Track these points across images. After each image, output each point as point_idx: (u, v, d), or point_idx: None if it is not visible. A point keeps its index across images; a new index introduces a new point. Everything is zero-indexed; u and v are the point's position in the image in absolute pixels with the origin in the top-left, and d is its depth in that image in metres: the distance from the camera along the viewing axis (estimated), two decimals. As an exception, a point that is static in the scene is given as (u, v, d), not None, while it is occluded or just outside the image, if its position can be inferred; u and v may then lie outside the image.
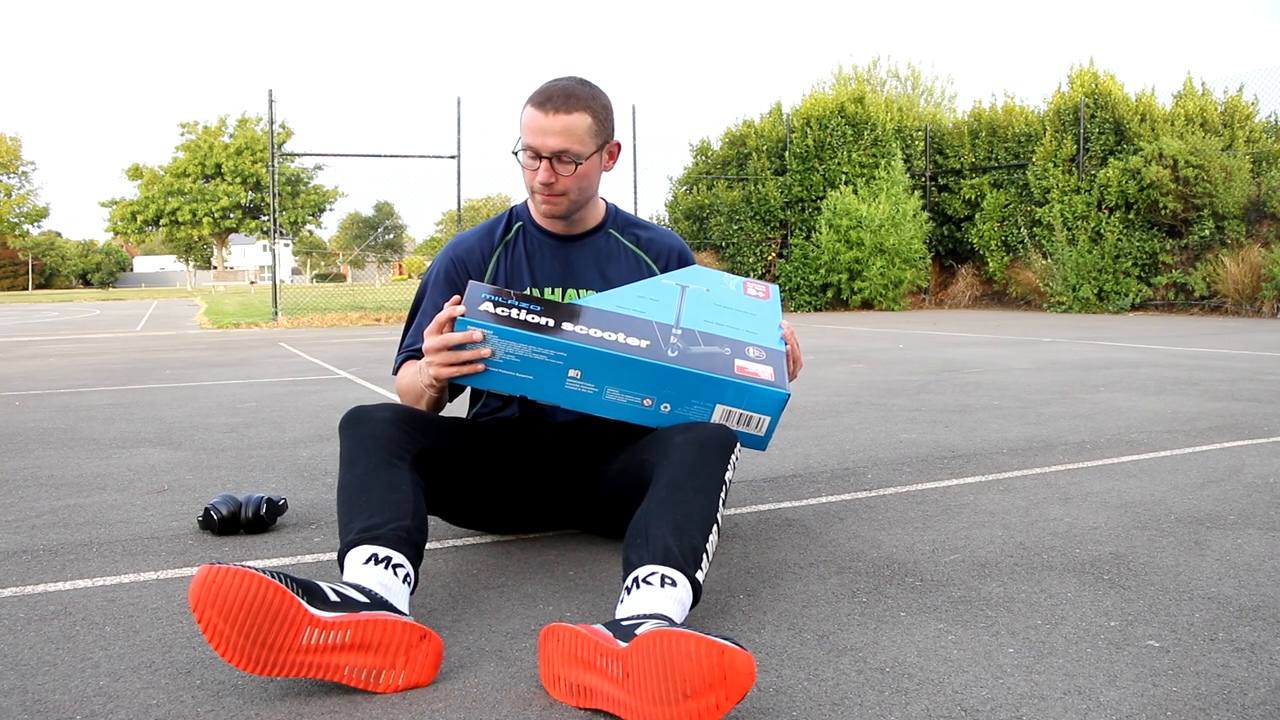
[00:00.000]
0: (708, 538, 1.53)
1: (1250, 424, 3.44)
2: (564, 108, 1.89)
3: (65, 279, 67.46)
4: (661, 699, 1.18)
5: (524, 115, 1.93)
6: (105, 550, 2.04)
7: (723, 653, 1.16)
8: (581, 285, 2.02)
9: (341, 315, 12.62)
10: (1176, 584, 1.73)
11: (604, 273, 2.03)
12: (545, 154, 1.89)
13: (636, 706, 1.20)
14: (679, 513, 1.53)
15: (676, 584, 1.43)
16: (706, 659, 1.16)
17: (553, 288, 2.02)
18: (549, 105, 1.90)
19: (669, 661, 1.18)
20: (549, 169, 1.91)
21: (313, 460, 3.05)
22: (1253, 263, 11.25)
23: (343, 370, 6.13)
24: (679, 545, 1.48)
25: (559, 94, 1.90)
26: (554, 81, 1.94)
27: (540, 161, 1.91)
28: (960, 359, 6.16)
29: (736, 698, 1.16)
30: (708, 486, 1.59)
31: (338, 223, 59.99)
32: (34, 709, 1.28)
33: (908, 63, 33.10)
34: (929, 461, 2.87)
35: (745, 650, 1.17)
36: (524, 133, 1.92)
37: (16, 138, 51.94)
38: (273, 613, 1.26)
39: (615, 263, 2.05)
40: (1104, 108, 12.98)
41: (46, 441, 3.47)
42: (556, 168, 1.91)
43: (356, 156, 13.55)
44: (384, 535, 1.51)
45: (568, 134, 1.88)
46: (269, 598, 1.26)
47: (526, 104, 1.94)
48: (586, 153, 1.92)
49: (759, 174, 14.73)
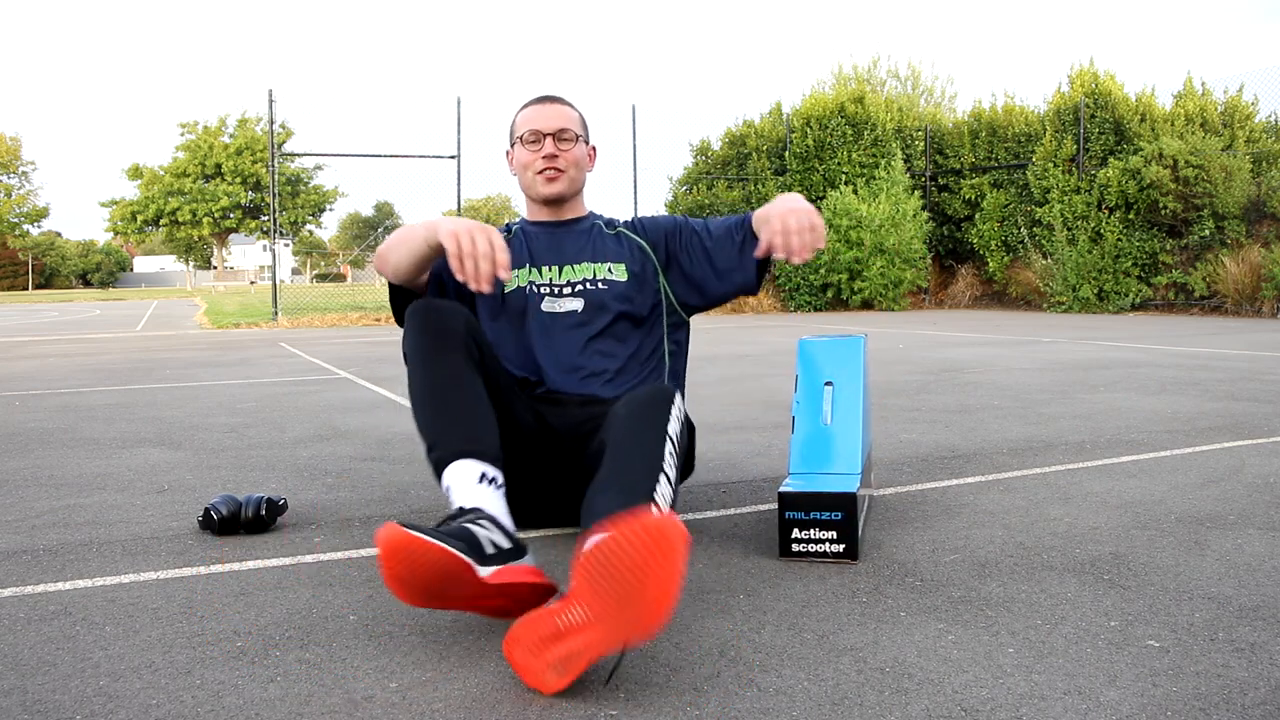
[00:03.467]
0: (653, 492, 1.57)
1: (1250, 424, 3.44)
2: (557, 101, 2.19)
3: (65, 279, 67.45)
4: (625, 601, 1.23)
5: (519, 118, 2.18)
6: (105, 550, 2.04)
7: (646, 526, 1.23)
8: (575, 261, 2.17)
9: (341, 315, 12.62)
10: (1176, 584, 1.73)
11: (594, 249, 2.18)
12: (548, 131, 2.12)
13: (611, 627, 1.24)
14: (622, 480, 1.60)
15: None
16: (639, 538, 1.23)
17: (549, 265, 2.17)
18: (544, 101, 2.18)
19: (610, 564, 1.24)
20: (553, 143, 2.12)
21: (313, 460, 3.05)
22: (1253, 263, 11.24)
23: (343, 370, 6.13)
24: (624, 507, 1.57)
25: (549, 96, 2.20)
26: (537, 94, 2.23)
27: (544, 140, 2.12)
28: (960, 359, 6.16)
29: (683, 553, 1.24)
30: (649, 441, 1.65)
31: (338, 223, 60.08)
32: (34, 709, 1.28)
33: (908, 63, 33.09)
34: (929, 461, 2.87)
35: (665, 513, 1.32)
36: (523, 125, 2.15)
37: (16, 138, 51.98)
38: (451, 575, 1.37)
39: (602, 241, 2.20)
40: (1104, 108, 12.97)
41: (46, 441, 3.47)
42: (558, 144, 2.13)
43: (356, 156, 13.56)
44: (487, 451, 1.62)
45: (565, 117, 2.15)
46: (449, 565, 1.37)
47: (518, 114, 2.19)
48: (580, 135, 2.17)
49: (759, 174, 14.73)
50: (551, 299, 2.14)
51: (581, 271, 2.16)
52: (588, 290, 2.14)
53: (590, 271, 2.16)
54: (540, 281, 2.15)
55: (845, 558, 1.86)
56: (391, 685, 1.35)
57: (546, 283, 2.15)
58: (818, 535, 1.85)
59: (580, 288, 2.14)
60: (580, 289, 2.14)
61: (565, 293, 2.14)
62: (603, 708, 1.27)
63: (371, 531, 2.17)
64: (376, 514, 2.33)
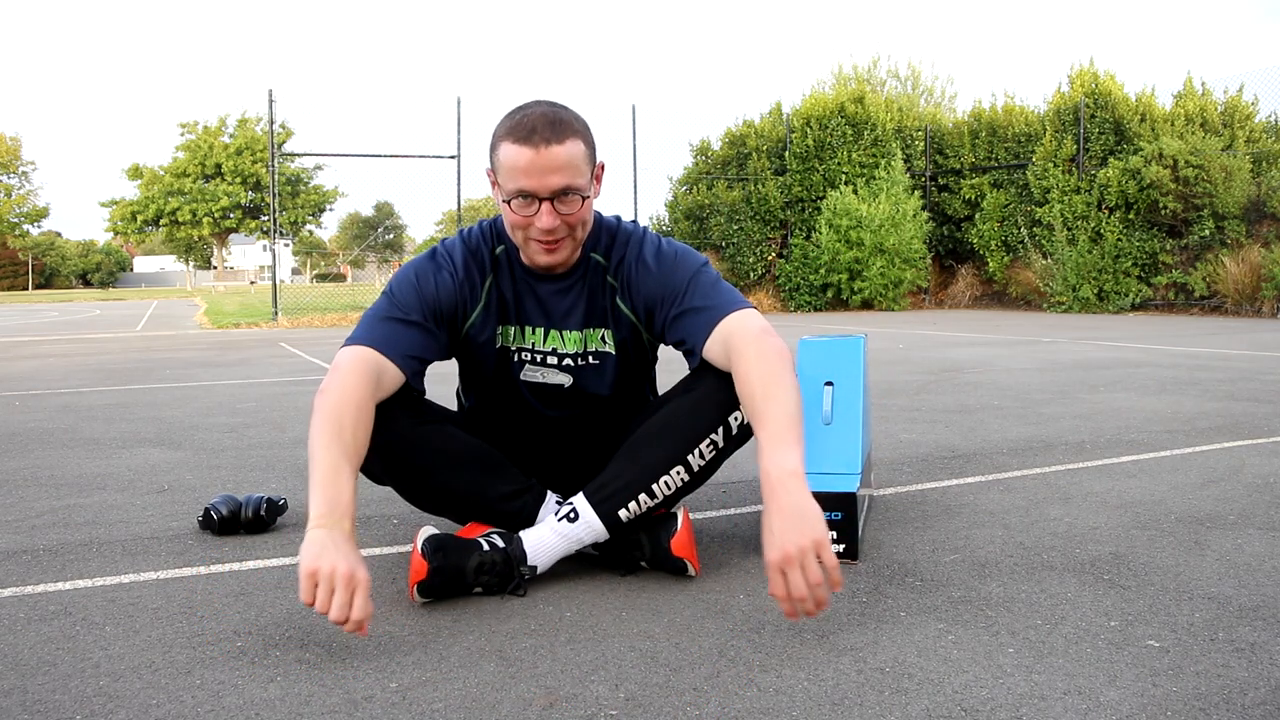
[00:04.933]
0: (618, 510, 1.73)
1: (1250, 424, 3.44)
2: (555, 138, 1.63)
3: (65, 279, 67.45)
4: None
5: (503, 156, 1.66)
6: (105, 550, 2.04)
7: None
8: (564, 326, 1.88)
9: (341, 315, 12.62)
10: (1176, 584, 1.73)
11: (587, 309, 1.87)
12: (545, 195, 1.65)
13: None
14: (610, 485, 1.74)
15: (577, 518, 1.73)
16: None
17: (534, 327, 1.88)
18: (537, 138, 1.63)
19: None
20: (552, 212, 1.67)
21: (313, 460, 3.05)
22: (1253, 263, 11.24)
23: (343, 370, 6.12)
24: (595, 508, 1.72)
25: (543, 124, 1.64)
26: (526, 111, 1.67)
27: (539, 205, 1.66)
28: (960, 359, 6.16)
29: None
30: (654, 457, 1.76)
31: (338, 223, 60.02)
32: (34, 709, 1.28)
33: (908, 63, 33.07)
34: (929, 461, 2.87)
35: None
36: (510, 176, 1.66)
37: (16, 138, 51.94)
38: None
39: (598, 295, 1.86)
40: (1104, 108, 12.97)
41: (46, 441, 3.47)
42: (559, 209, 1.67)
43: (356, 156, 13.54)
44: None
45: (569, 168, 1.65)
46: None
47: (501, 142, 1.66)
48: (587, 185, 1.70)
49: (759, 174, 14.72)
50: (533, 368, 1.91)
51: (571, 342, 1.88)
52: (576, 366, 1.91)
53: (579, 343, 1.89)
54: (524, 346, 1.90)
55: (845, 558, 1.86)
56: (391, 685, 1.35)
57: (529, 347, 1.89)
58: None
59: (568, 363, 1.91)
60: (567, 365, 1.91)
61: (550, 363, 1.91)
62: (603, 708, 1.27)
63: (371, 531, 2.17)
64: (376, 514, 2.33)
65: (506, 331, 1.89)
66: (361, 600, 1.40)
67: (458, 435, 1.84)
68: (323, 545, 1.43)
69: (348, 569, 1.40)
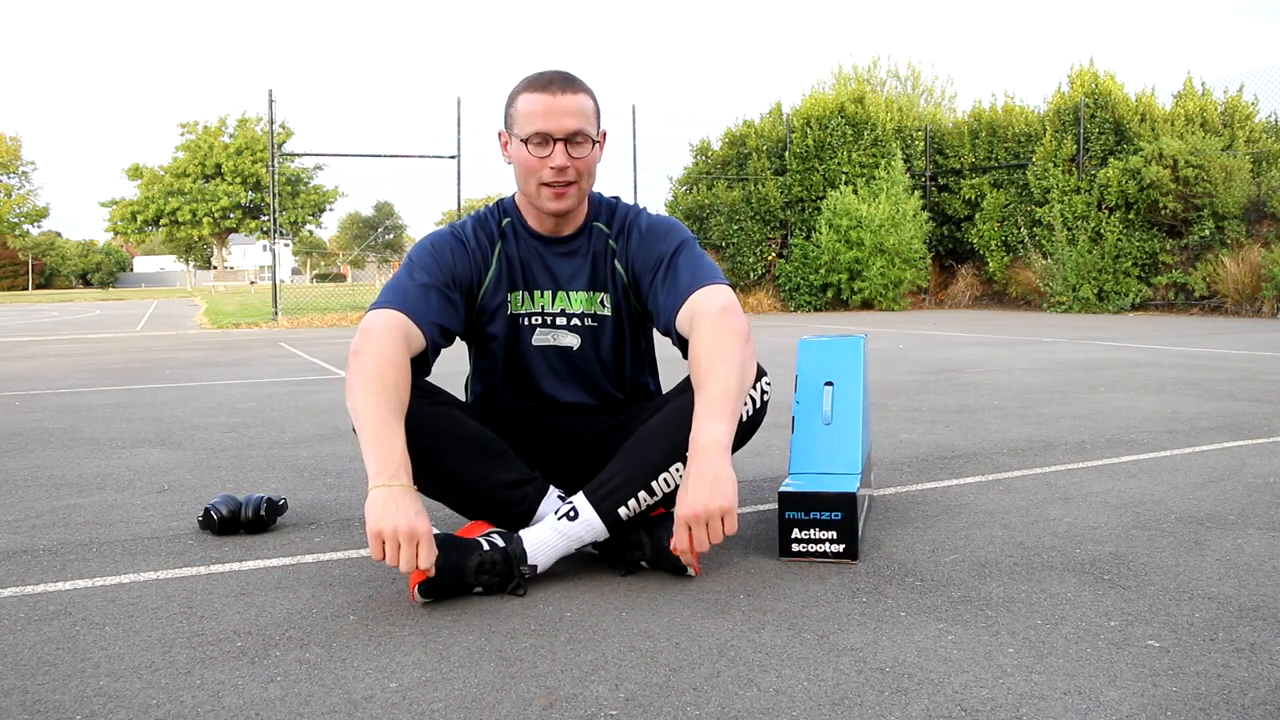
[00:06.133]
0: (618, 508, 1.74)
1: (1250, 424, 3.44)
2: (569, 88, 1.81)
3: (65, 279, 67.45)
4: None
5: (522, 104, 1.82)
6: (105, 550, 2.04)
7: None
8: (570, 288, 1.98)
9: (341, 315, 12.62)
10: (1176, 584, 1.73)
11: (591, 273, 1.98)
12: (560, 136, 1.79)
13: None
14: (609, 483, 1.76)
15: (577, 517, 1.74)
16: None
17: (542, 290, 1.97)
18: (554, 87, 1.80)
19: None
20: (564, 153, 1.80)
21: (313, 460, 3.05)
22: (1253, 263, 11.24)
23: (343, 370, 6.13)
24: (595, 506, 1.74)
25: (559, 77, 1.82)
26: (543, 71, 1.86)
27: (553, 146, 1.80)
28: (960, 359, 6.16)
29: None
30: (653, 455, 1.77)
31: (338, 223, 60.03)
32: (34, 709, 1.28)
33: (908, 63, 33.05)
34: (929, 461, 2.87)
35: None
36: (527, 120, 1.80)
37: (16, 138, 51.91)
38: None
39: (601, 260, 1.98)
40: (1104, 108, 12.97)
41: (46, 441, 3.47)
42: (572, 151, 1.81)
43: (356, 156, 13.55)
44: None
45: (581, 113, 1.81)
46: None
47: (520, 94, 1.83)
48: (596, 134, 1.85)
49: (759, 174, 14.72)
50: (544, 330, 1.99)
51: (578, 302, 1.98)
52: (584, 327, 1.99)
53: (586, 303, 1.98)
54: (533, 310, 1.98)
55: (845, 558, 1.86)
56: (391, 685, 1.35)
57: (539, 310, 1.98)
58: (818, 535, 1.85)
59: (576, 323, 1.99)
60: (576, 325, 1.99)
61: (560, 324, 1.99)
62: (603, 708, 1.27)
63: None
64: (376, 514, 2.33)
65: (516, 297, 1.97)
66: (426, 550, 1.57)
67: (466, 420, 1.86)
68: (384, 505, 1.56)
69: (409, 526, 1.55)
